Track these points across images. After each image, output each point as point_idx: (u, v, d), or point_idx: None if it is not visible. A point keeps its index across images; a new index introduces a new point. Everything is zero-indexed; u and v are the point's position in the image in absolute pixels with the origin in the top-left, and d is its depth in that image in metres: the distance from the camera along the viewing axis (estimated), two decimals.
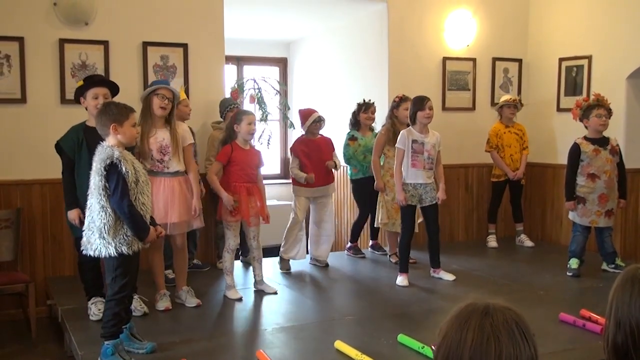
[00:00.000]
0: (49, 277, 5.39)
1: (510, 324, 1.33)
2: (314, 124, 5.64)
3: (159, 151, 4.51)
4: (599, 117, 5.38)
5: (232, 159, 4.82)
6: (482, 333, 1.32)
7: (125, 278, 3.61)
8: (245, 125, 4.82)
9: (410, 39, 6.78)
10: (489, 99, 7.23)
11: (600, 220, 5.47)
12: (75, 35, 5.44)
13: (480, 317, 1.35)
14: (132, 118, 3.66)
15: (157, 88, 4.54)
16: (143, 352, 3.72)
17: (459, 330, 1.35)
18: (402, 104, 5.83)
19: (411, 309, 4.73)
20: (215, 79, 6.01)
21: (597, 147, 5.40)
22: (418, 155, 5.21)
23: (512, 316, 1.35)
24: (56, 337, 4.78)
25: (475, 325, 1.33)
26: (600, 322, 4.07)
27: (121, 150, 3.56)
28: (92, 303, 4.38)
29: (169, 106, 4.52)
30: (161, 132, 4.55)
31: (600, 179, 5.41)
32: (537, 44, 7.27)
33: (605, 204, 5.44)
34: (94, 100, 4.25)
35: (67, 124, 5.15)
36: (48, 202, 5.42)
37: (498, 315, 1.34)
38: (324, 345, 3.87)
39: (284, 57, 8.98)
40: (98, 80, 4.42)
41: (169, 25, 5.78)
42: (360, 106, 6.18)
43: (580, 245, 5.54)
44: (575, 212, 5.53)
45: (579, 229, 5.56)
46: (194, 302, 4.66)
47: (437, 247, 5.48)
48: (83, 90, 4.31)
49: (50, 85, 5.40)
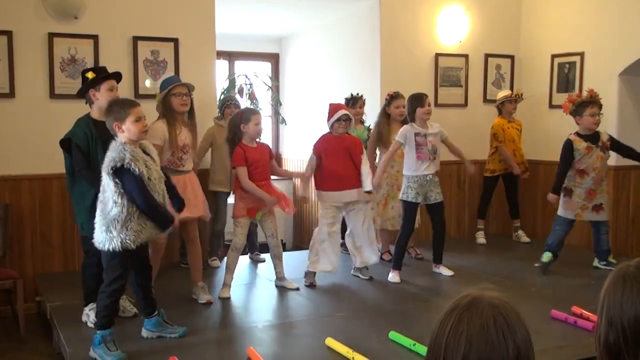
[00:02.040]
0: (38, 274, 5.34)
1: (487, 319, 1.29)
2: (338, 122, 5.09)
3: (181, 149, 4.55)
4: (592, 115, 5.33)
5: (246, 160, 4.74)
6: (457, 327, 1.30)
7: (119, 271, 3.60)
8: (253, 125, 4.74)
9: (402, 35, 6.75)
10: (481, 96, 7.22)
11: (585, 214, 5.45)
12: (64, 29, 5.38)
13: (462, 310, 1.32)
14: (133, 113, 3.59)
15: (172, 88, 4.52)
16: (175, 337, 3.86)
17: (442, 323, 1.33)
18: (394, 101, 5.79)
19: (402, 306, 4.72)
20: (206, 74, 5.96)
21: (590, 145, 5.37)
22: (422, 147, 5.22)
23: (493, 312, 1.31)
24: (45, 334, 4.74)
25: (454, 319, 1.31)
26: (591, 319, 4.06)
27: (132, 149, 3.54)
28: (91, 309, 4.15)
29: (188, 101, 4.57)
30: (184, 131, 4.58)
31: (589, 176, 5.39)
32: (530, 41, 7.26)
33: (593, 198, 5.42)
34: (110, 93, 4.10)
35: (57, 119, 5.13)
36: (37, 198, 5.37)
37: (480, 310, 1.31)
38: (315, 342, 3.85)
39: (276, 52, 8.93)
40: (114, 73, 4.25)
41: (160, 20, 5.73)
42: (347, 101, 6.04)
43: (558, 239, 5.52)
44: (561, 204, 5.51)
45: (561, 224, 5.52)
46: (205, 298, 4.62)
47: (442, 243, 5.52)
48: (95, 83, 4.12)
49: (39, 79, 5.34)
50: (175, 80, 4.64)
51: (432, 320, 1.40)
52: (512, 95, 6.61)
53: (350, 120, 5.14)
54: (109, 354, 3.53)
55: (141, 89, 5.63)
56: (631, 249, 6.50)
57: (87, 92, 4.15)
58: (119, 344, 3.62)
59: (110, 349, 3.55)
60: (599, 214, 5.47)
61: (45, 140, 5.33)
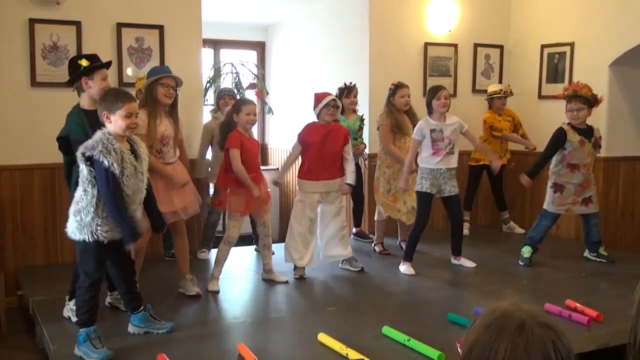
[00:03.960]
0: (19, 267, 5.21)
1: (547, 346, 1.23)
2: (326, 107, 4.96)
3: (160, 141, 4.39)
4: (570, 111, 5.28)
5: (242, 148, 4.62)
6: (514, 352, 1.22)
7: (92, 263, 3.48)
8: (244, 115, 4.64)
9: (391, 23, 6.65)
10: (470, 86, 7.15)
11: (576, 208, 5.41)
12: (45, 15, 5.21)
13: (514, 334, 1.25)
14: (125, 108, 3.45)
15: (161, 77, 4.38)
16: (163, 332, 3.77)
17: (491, 342, 1.26)
18: (398, 91, 5.69)
19: (393, 299, 4.65)
20: (192, 63, 5.82)
21: (583, 139, 5.30)
22: (438, 143, 5.15)
23: (551, 337, 1.25)
24: (27, 329, 4.62)
25: (507, 342, 1.24)
26: (586, 312, 4.03)
27: (110, 141, 3.39)
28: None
29: (173, 95, 4.44)
30: (164, 122, 4.43)
31: (579, 171, 5.33)
32: (519, 31, 7.20)
33: (583, 192, 5.38)
34: (103, 82, 3.95)
35: (38, 108, 5.00)
36: (18, 190, 5.23)
37: (535, 335, 1.24)
38: (307, 337, 3.76)
39: (262, 40, 8.80)
40: (107, 62, 4.11)
41: (144, 6, 5.58)
42: (342, 90, 5.96)
43: (541, 234, 5.47)
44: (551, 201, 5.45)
45: (548, 219, 5.47)
46: (193, 290, 4.52)
47: (460, 235, 5.48)
48: (89, 72, 3.95)
49: (20, 67, 5.18)
50: (165, 71, 4.51)
51: (424, 315, 1.33)
52: (501, 91, 6.55)
53: (338, 108, 5.04)
54: (94, 351, 3.42)
55: (125, 78, 5.49)
56: (620, 240, 6.49)
57: (79, 80, 4.00)
58: (104, 340, 3.51)
59: (96, 346, 3.44)
60: (589, 207, 5.42)
61: (26, 129, 5.19)
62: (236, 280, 5.08)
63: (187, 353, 3.56)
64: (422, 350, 3.46)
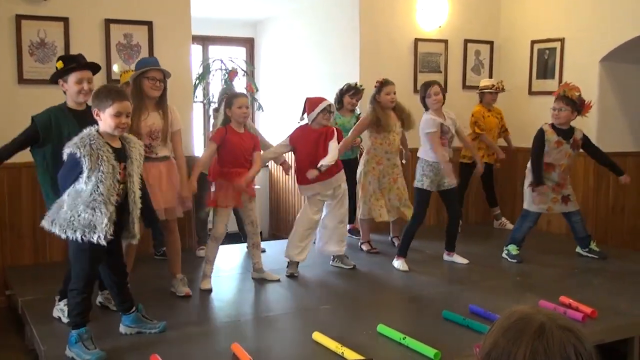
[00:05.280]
0: (8, 267, 5.14)
1: (567, 350, 1.21)
2: (323, 112, 4.90)
3: (148, 136, 4.29)
4: (553, 109, 5.27)
5: (225, 142, 4.58)
6: (534, 356, 1.20)
7: (84, 266, 3.42)
8: (236, 109, 4.60)
9: (381, 19, 6.62)
10: (460, 81, 7.14)
11: (556, 206, 5.39)
12: (32, 10, 5.14)
13: (533, 337, 1.22)
14: (115, 107, 3.37)
15: (146, 70, 4.29)
16: (156, 332, 3.74)
17: (510, 346, 1.23)
18: (384, 89, 5.60)
19: (388, 297, 4.63)
20: (181, 59, 5.76)
21: (561, 140, 5.27)
22: (446, 135, 5.20)
23: (571, 340, 1.22)
24: (16, 329, 4.56)
25: (527, 346, 1.21)
26: (581, 309, 4.02)
27: (91, 137, 3.32)
28: (65, 305, 3.86)
29: (161, 87, 4.32)
30: (152, 116, 4.32)
31: (555, 171, 5.31)
32: (509, 26, 7.20)
33: (561, 190, 5.37)
34: (77, 85, 3.83)
35: (25, 105, 4.90)
36: (5, 188, 5.16)
37: (555, 339, 1.21)
38: (302, 336, 3.74)
39: (251, 37, 8.73)
40: (84, 64, 3.94)
41: (133, 2, 5.52)
42: (350, 88, 5.96)
43: (524, 233, 5.46)
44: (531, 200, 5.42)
45: (530, 220, 5.44)
46: (183, 291, 4.46)
47: (456, 230, 5.46)
48: (63, 73, 3.86)
49: (7, 64, 5.11)
50: (152, 63, 4.40)
51: (418, 312, 1.31)
52: (493, 87, 6.53)
53: (333, 113, 5.04)
54: (87, 352, 3.36)
55: (114, 74, 5.42)
56: (611, 236, 6.51)
57: (56, 82, 3.92)
58: (96, 341, 3.46)
59: (88, 347, 3.39)
60: (568, 205, 5.41)
61: (13, 127, 5.00)
62: (229, 279, 5.04)
63: (180, 353, 3.52)
64: (419, 349, 3.43)
